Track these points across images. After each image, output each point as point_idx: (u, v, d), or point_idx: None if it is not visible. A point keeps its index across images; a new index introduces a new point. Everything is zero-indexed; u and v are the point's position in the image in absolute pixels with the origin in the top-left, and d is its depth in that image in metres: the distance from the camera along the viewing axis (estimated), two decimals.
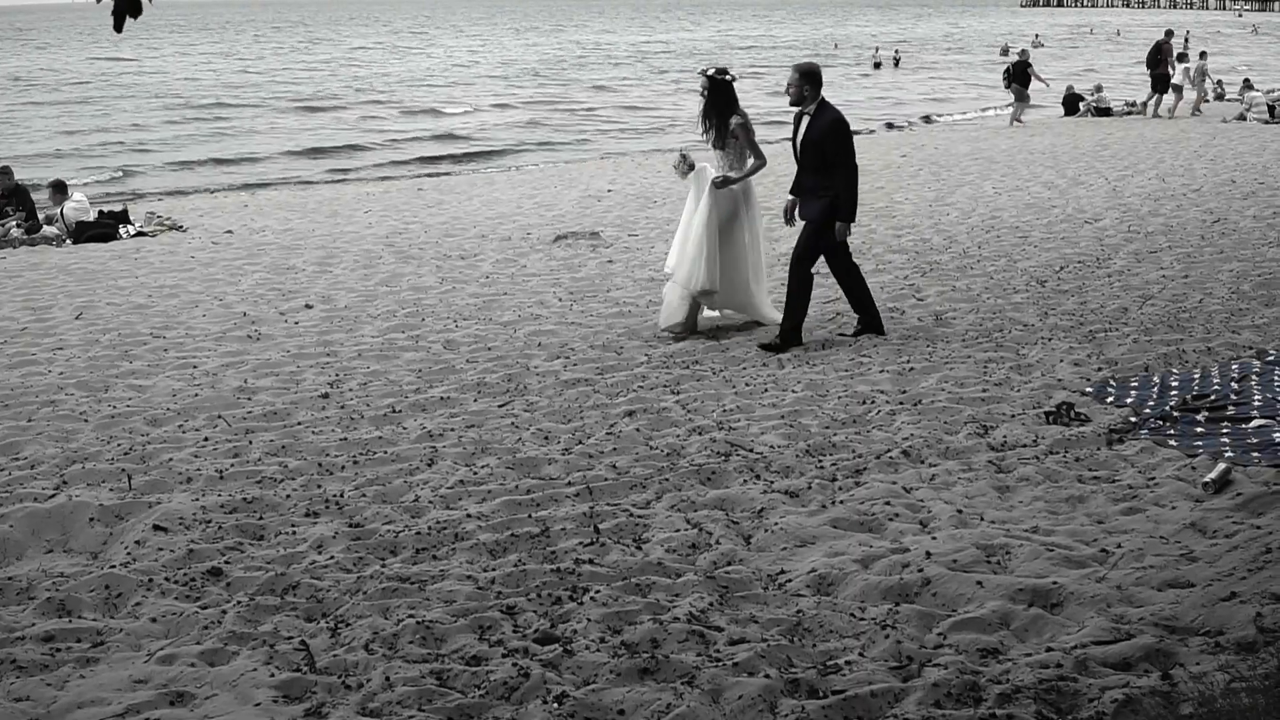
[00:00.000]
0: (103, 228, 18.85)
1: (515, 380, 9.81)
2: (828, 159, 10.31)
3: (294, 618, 5.72)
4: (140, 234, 18.96)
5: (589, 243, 16.23)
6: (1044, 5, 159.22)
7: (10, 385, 10.22)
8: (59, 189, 19.82)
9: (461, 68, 69.40)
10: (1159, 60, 32.74)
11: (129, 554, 6.58)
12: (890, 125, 38.02)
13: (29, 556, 6.74)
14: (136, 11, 4.81)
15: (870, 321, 10.81)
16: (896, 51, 68.13)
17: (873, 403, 8.78)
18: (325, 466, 7.88)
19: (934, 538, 6.28)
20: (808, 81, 10.39)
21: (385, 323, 12.11)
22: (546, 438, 8.31)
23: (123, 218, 19.46)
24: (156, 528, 6.85)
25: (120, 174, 30.18)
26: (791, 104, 10.57)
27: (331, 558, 6.39)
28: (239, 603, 5.85)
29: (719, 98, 10.68)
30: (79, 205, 19.46)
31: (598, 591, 5.80)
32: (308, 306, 12.97)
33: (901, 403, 8.74)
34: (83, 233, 18.65)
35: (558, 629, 5.48)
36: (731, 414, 8.66)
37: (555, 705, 4.82)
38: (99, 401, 9.65)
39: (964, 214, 17.66)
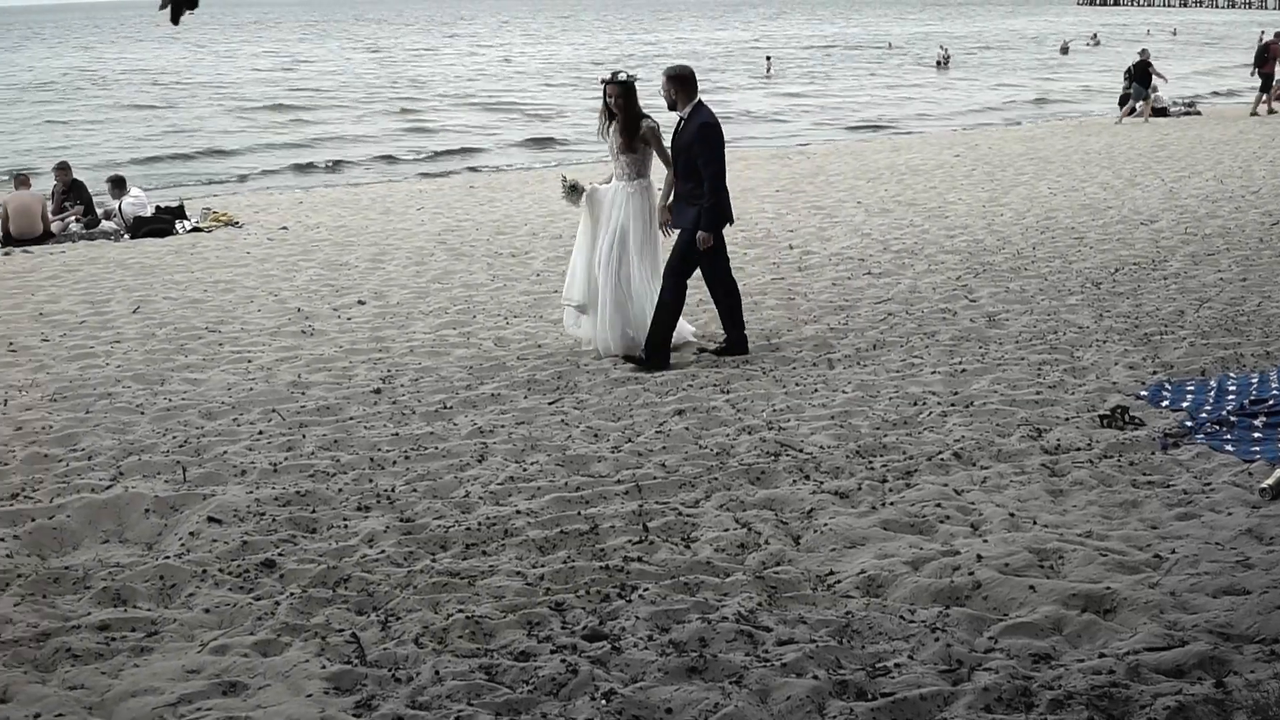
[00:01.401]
0: (160, 223, 19.06)
1: (565, 378, 9.84)
2: (697, 165, 9.93)
3: (345, 610, 5.77)
4: (196, 229, 19.16)
5: None
6: (1100, 4, 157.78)
7: (68, 377, 10.35)
8: (117, 184, 20.04)
9: (518, 68, 69.58)
10: (1266, 59, 33.14)
11: (183, 545, 6.65)
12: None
13: (85, 546, 6.82)
14: (193, 4, 4.85)
15: (736, 341, 10.35)
16: (947, 50, 67.68)
17: (924, 404, 8.74)
18: (377, 461, 7.94)
19: (985, 541, 6.24)
20: (676, 85, 9.99)
21: (437, 319, 12.17)
22: (596, 435, 8.33)
23: (179, 213, 19.67)
24: (211, 519, 6.92)
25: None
26: (669, 109, 10.16)
27: (382, 552, 6.43)
28: (291, 594, 5.90)
29: (629, 102, 10.17)
30: (136, 200, 19.68)
31: (646, 589, 5.81)
32: (360, 303, 13.06)
33: (953, 404, 8.70)
34: (140, 228, 18.86)
35: (606, 626, 5.49)
36: (781, 414, 8.65)
37: (603, 702, 4.83)
38: (155, 394, 9.75)
39: (1018, 214, 17.54)
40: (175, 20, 4.77)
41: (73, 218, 19.41)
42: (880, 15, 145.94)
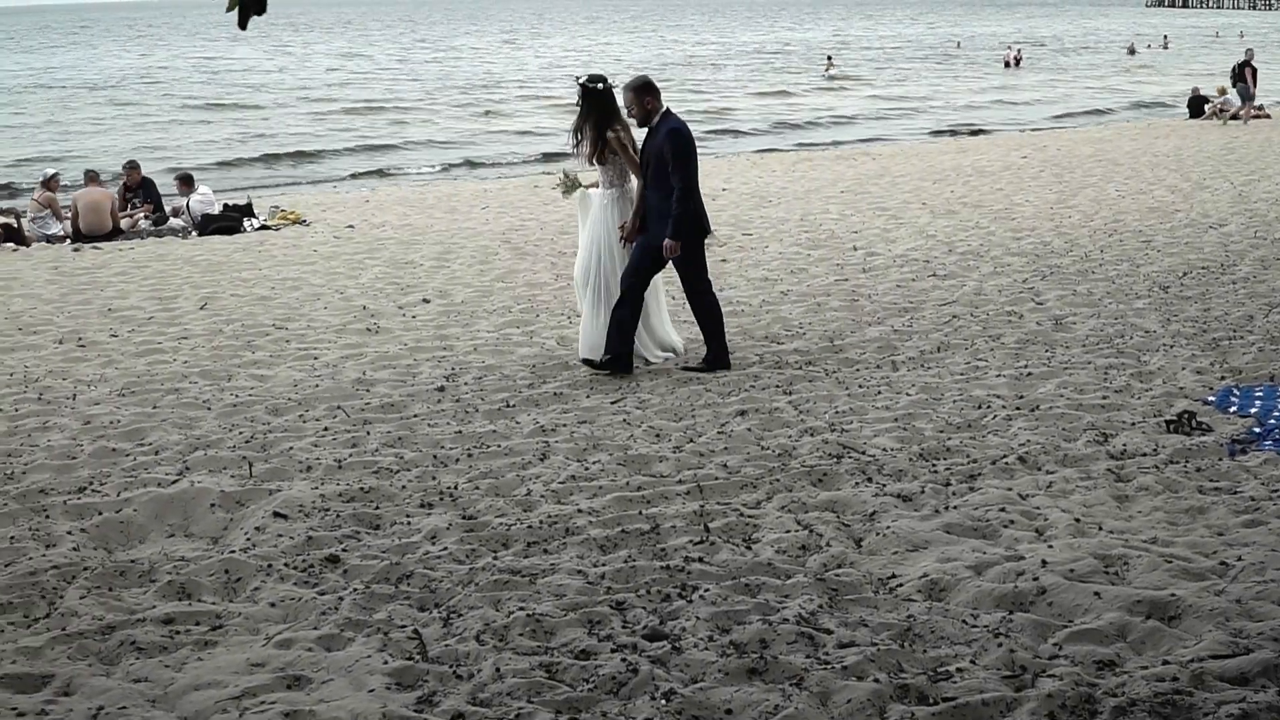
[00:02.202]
0: (228, 221, 19.27)
1: (628, 377, 9.84)
2: (668, 172, 9.60)
3: (408, 607, 5.81)
4: (264, 227, 19.35)
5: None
6: (1170, 6, 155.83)
7: (137, 373, 10.49)
8: (186, 182, 20.28)
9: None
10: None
11: (249, 539, 6.72)
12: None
13: (151, 540, 6.91)
14: (261, 9, 4.87)
15: (717, 356, 10.04)
16: (1018, 51, 67.10)
17: (989, 407, 8.67)
18: (440, 459, 7.98)
19: (1050, 546, 6.19)
20: (646, 94, 9.66)
21: (500, 318, 12.22)
22: (658, 435, 8.33)
23: (247, 211, 19.87)
24: (276, 514, 6.98)
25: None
26: (640, 125, 9.82)
27: (445, 548, 6.47)
28: (355, 590, 5.95)
29: (595, 108, 9.92)
30: (205, 198, 19.91)
31: (707, 590, 5.81)
32: (425, 301, 13.14)
33: (1018, 408, 8.63)
34: (208, 225, 19.08)
35: (667, 626, 5.50)
36: (844, 416, 8.61)
37: (663, 702, 4.83)
38: (222, 390, 9.86)
39: (1086, 217, 17.38)
40: (243, 25, 4.79)
41: (141, 214, 19.66)
42: (944, 16, 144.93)
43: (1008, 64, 64.12)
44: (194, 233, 19.05)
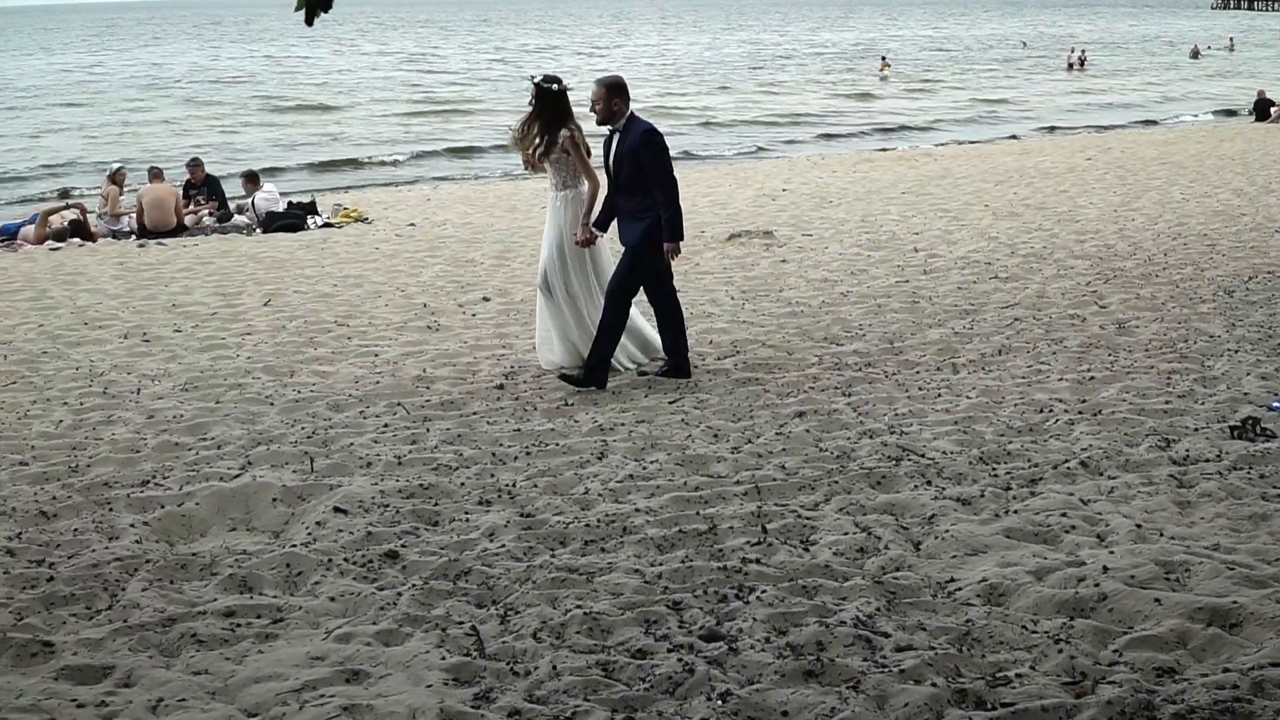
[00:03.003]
0: (291, 218, 19.43)
1: (686, 377, 9.84)
2: (644, 175, 9.38)
3: (465, 603, 5.84)
4: (327, 225, 19.50)
5: (762, 242, 16.20)
6: (1235, 7, 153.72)
7: (200, 368, 10.61)
8: (251, 179, 20.48)
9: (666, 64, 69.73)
10: None
11: (309, 534, 6.78)
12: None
13: (213, 534, 6.99)
14: (328, 6, 4.90)
15: (679, 364, 9.82)
16: (1081, 52, 66.44)
17: (1050, 411, 8.60)
18: (499, 456, 8.02)
19: (1111, 552, 6.13)
20: (617, 95, 9.44)
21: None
22: (716, 435, 8.33)
23: (311, 209, 20.03)
24: (336, 510, 7.04)
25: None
26: (600, 123, 9.58)
27: (503, 546, 6.49)
28: (414, 586, 5.98)
29: (548, 109, 9.80)
30: (269, 195, 20.10)
31: (764, 591, 5.80)
32: (485, 299, 13.20)
33: (1080, 412, 8.55)
34: (272, 222, 19.24)
35: (723, 627, 5.49)
36: (904, 418, 8.57)
37: (719, 703, 4.83)
38: (284, 386, 9.96)
39: (1150, 220, 17.19)
40: (310, 22, 4.82)
41: (206, 211, 19.87)
42: (1006, 15, 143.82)
43: (1070, 66, 63.47)
44: (258, 230, 19.23)
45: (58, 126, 40.98)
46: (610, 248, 10.22)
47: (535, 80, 9.94)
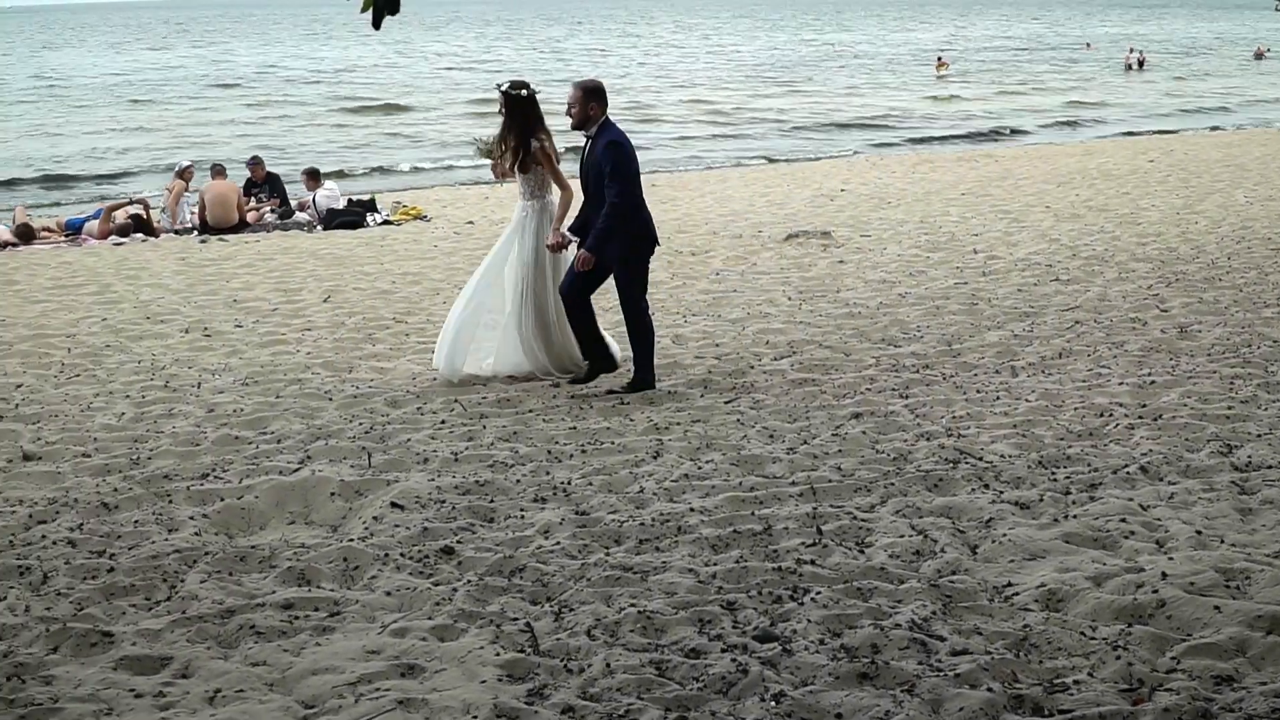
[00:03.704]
0: (351, 215, 19.57)
1: (742, 377, 9.83)
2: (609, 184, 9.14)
3: (520, 600, 5.86)
4: (386, 222, 19.62)
5: (820, 242, 16.15)
6: None
7: (260, 363, 10.71)
8: (313, 176, 20.65)
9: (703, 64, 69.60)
10: None
11: (367, 529, 6.83)
12: None
13: (272, 527, 7.05)
14: (395, 8, 4.92)
15: (643, 380, 9.53)
16: (1140, 53, 65.69)
17: (1110, 415, 8.52)
18: (554, 454, 8.04)
19: (1171, 558, 6.07)
20: (593, 99, 9.20)
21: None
22: (771, 436, 8.31)
23: (370, 206, 20.17)
24: (393, 505, 7.09)
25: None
26: (574, 128, 9.37)
27: (557, 543, 6.51)
28: (469, 582, 6.01)
29: (517, 116, 9.67)
30: (330, 193, 20.27)
31: (818, 593, 5.78)
32: None
33: (1141, 417, 8.47)
34: (333, 219, 19.39)
35: (777, 628, 5.48)
36: (961, 421, 8.52)
37: (773, 704, 4.82)
38: (343, 381, 10.03)
39: (1213, 223, 16.99)
40: (377, 25, 4.84)
41: (268, 208, 20.06)
42: (1070, 15, 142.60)
43: (1129, 67, 62.73)
44: (319, 227, 19.38)
45: (121, 125, 41.39)
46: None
47: (502, 89, 9.75)
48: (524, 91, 9.71)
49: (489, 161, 10.16)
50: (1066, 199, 19.94)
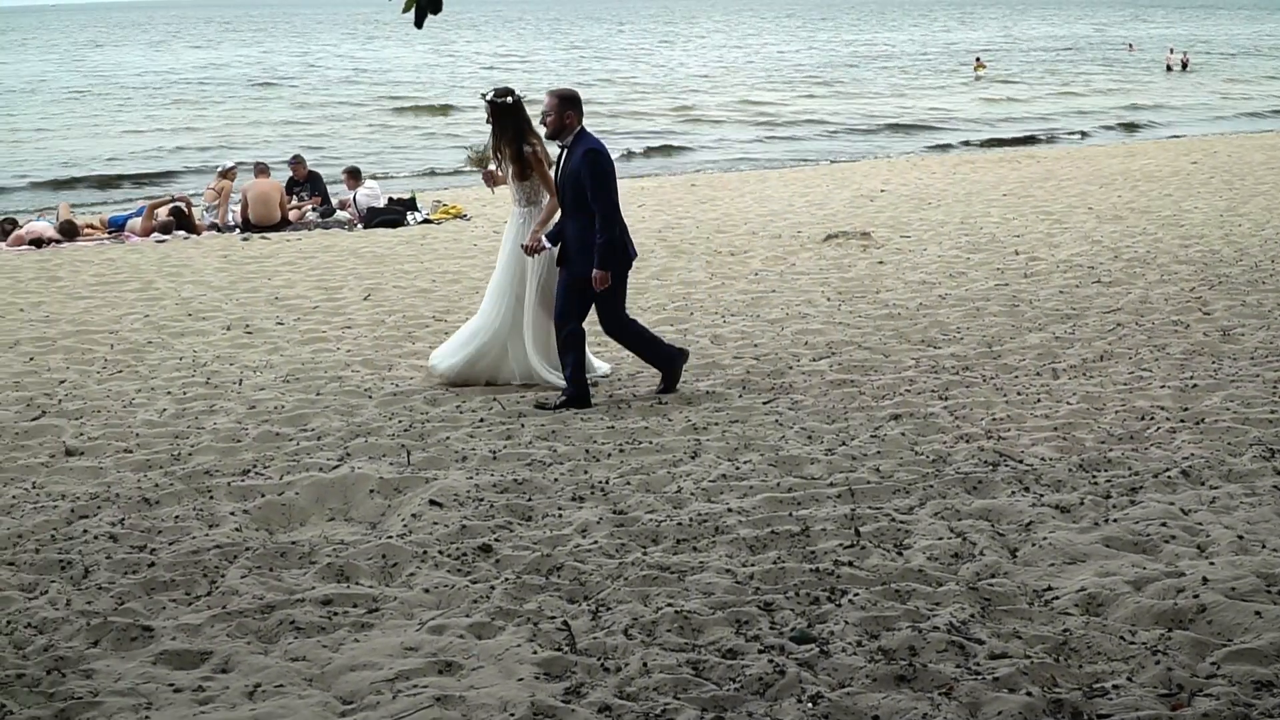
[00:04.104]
0: (392, 214, 19.65)
1: (780, 378, 9.82)
2: (586, 198, 8.94)
3: (557, 598, 5.87)
4: (426, 221, 19.69)
5: (860, 243, 16.10)
6: None
7: (301, 360, 10.77)
8: (354, 175, 20.74)
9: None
10: None
11: (405, 526, 6.86)
12: None
13: (312, 523, 7.10)
14: (437, 8, 4.94)
15: (669, 375, 9.43)
16: (1184, 54, 65.07)
17: (1152, 419, 8.46)
18: (592, 453, 8.05)
19: (1212, 563, 6.02)
20: (570, 108, 8.98)
21: (654, 315, 12.26)
22: (810, 437, 8.30)
23: (411, 205, 20.24)
24: (432, 502, 7.12)
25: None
26: (549, 137, 9.16)
27: (595, 542, 6.52)
28: (506, 580, 6.03)
29: (506, 124, 9.51)
30: (371, 191, 20.36)
31: (856, 594, 5.77)
32: None
33: (1183, 420, 8.41)
34: (373, 218, 19.47)
35: (815, 629, 5.47)
36: (1001, 423, 8.48)
37: (809, 705, 4.81)
38: (383, 379, 10.08)
39: (1257, 225, 16.83)
40: (419, 24, 4.87)
41: (310, 207, 20.17)
42: (1119, 16, 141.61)
43: (1170, 68, 62.09)
44: (359, 225, 19.47)
45: (163, 125, 41.63)
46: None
47: (487, 97, 9.62)
48: (509, 99, 9.56)
49: (481, 170, 10.09)
50: (1108, 200, 19.81)
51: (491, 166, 9.93)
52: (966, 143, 35.55)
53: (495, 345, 9.75)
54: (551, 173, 9.50)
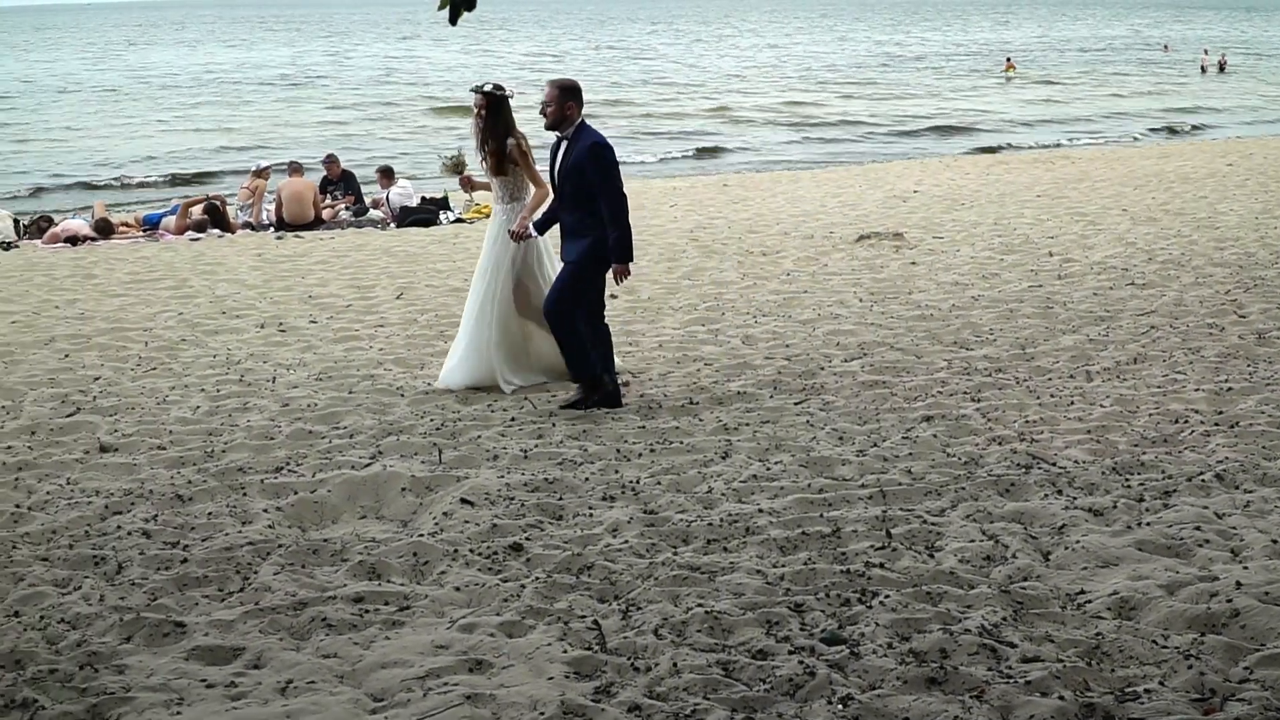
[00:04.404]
0: (424, 213, 19.71)
1: (812, 379, 9.80)
2: (591, 190, 8.87)
3: (588, 597, 5.87)
4: (459, 220, 19.74)
5: (892, 243, 16.06)
6: None
7: (334, 358, 10.81)
8: (387, 174, 20.83)
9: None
10: None
11: (437, 524, 6.88)
12: None
13: (344, 521, 7.12)
14: (471, 5, 4.97)
15: (611, 393, 9.19)
16: (1221, 56, 64.59)
17: (1186, 422, 8.41)
18: (623, 453, 8.05)
19: (1245, 568, 5.98)
20: (570, 98, 8.92)
21: (686, 315, 12.26)
22: (841, 438, 8.28)
23: (443, 204, 20.30)
24: (463, 501, 7.13)
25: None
26: (549, 128, 9.05)
27: (625, 542, 6.53)
28: (537, 579, 6.04)
29: (500, 118, 9.46)
30: (404, 191, 20.43)
31: (887, 596, 5.75)
32: (611, 296, 13.24)
33: (1217, 424, 8.35)
34: (406, 217, 19.54)
35: (845, 630, 5.46)
36: (1034, 425, 8.44)
37: (840, 707, 4.80)
38: (414, 378, 10.11)
39: None
40: (454, 21, 4.89)
41: (343, 206, 20.25)
42: (1157, 17, 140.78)
43: (1204, 69, 61.58)
44: (392, 224, 19.53)
45: (199, 125, 41.84)
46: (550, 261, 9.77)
47: (485, 90, 9.55)
48: (502, 92, 9.55)
49: (458, 176, 10.17)
50: (1144, 202, 19.70)
51: (468, 171, 9.81)
52: (1009, 145, 35.24)
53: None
54: (542, 166, 9.52)
